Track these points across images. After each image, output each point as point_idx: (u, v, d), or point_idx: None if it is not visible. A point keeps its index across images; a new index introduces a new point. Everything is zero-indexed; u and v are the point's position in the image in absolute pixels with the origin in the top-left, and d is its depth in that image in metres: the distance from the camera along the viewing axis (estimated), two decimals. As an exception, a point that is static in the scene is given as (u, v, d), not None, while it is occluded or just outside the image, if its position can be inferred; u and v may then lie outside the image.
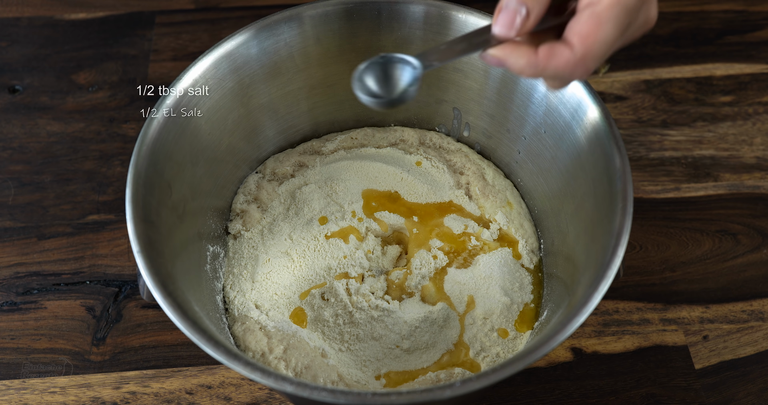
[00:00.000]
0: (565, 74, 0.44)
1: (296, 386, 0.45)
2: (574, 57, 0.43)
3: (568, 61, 0.43)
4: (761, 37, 0.91)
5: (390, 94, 0.47)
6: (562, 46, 0.43)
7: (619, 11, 0.43)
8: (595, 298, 0.49)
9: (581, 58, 0.43)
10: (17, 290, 0.72)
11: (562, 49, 0.43)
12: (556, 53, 0.43)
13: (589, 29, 0.43)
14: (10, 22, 0.91)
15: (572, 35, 0.43)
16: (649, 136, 0.83)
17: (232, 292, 0.64)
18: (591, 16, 0.43)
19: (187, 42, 0.89)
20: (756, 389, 0.67)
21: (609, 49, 0.44)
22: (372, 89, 0.47)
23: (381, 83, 0.47)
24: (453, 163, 0.72)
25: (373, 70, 0.48)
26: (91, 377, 0.67)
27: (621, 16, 0.43)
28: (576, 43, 0.43)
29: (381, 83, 0.47)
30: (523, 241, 0.67)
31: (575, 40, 0.43)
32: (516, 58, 0.44)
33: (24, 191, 0.78)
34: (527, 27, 0.44)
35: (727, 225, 0.77)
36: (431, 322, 0.62)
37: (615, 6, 0.42)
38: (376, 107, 0.47)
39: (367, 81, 0.47)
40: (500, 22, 0.44)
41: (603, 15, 0.43)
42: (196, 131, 0.60)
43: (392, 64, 0.48)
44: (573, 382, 0.67)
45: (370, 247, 0.66)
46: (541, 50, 0.44)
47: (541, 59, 0.44)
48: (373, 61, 0.47)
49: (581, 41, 0.43)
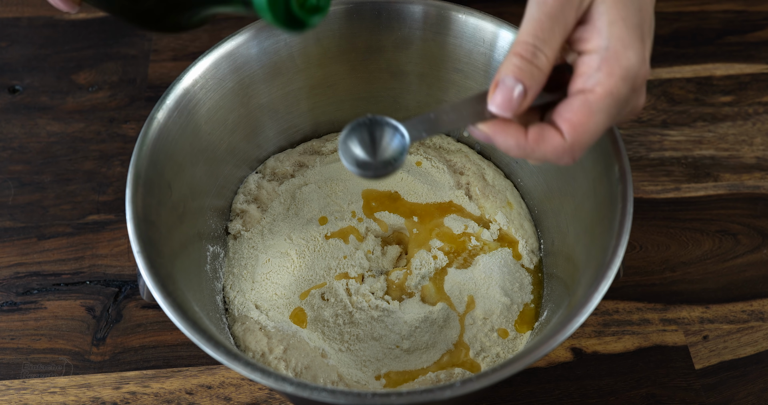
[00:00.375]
0: (551, 159, 0.44)
1: (296, 386, 0.45)
2: (563, 145, 0.43)
3: (556, 148, 0.43)
4: (761, 37, 0.91)
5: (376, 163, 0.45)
6: (552, 132, 0.43)
7: (611, 102, 0.42)
8: (595, 299, 0.49)
9: (570, 147, 0.43)
10: (17, 290, 0.72)
11: (552, 135, 0.43)
12: (546, 139, 0.43)
13: (580, 119, 0.42)
14: (10, 22, 0.91)
15: (562, 121, 0.43)
16: (649, 136, 0.83)
17: (232, 292, 0.64)
18: (583, 104, 0.42)
19: (187, 42, 0.89)
20: (756, 389, 0.67)
21: (597, 138, 0.43)
22: (358, 155, 0.45)
23: (367, 148, 0.45)
24: (453, 163, 0.72)
25: (360, 133, 0.45)
26: (91, 377, 0.67)
27: (612, 107, 0.42)
28: (566, 130, 0.42)
29: (367, 148, 0.45)
30: (523, 242, 0.67)
31: (565, 127, 0.42)
32: (505, 138, 0.44)
33: (24, 191, 0.78)
34: (523, 106, 0.43)
35: (727, 225, 0.77)
36: (431, 322, 0.62)
37: (607, 97, 0.42)
38: (362, 176, 0.45)
39: (352, 144, 0.45)
40: (497, 100, 0.43)
41: (595, 105, 0.42)
42: (196, 131, 0.60)
43: (380, 128, 0.45)
44: (573, 382, 0.67)
45: (370, 248, 0.66)
46: (531, 133, 0.43)
47: (530, 143, 0.43)
48: (359, 122, 0.45)
49: (572, 130, 0.42)
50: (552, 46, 0.42)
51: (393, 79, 0.69)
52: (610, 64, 0.42)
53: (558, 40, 0.43)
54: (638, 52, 0.42)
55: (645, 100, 0.46)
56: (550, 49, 0.42)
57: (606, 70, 0.42)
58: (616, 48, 0.42)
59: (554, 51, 0.43)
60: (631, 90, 0.43)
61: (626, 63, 0.42)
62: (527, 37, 0.42)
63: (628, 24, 0.42)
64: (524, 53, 0.42)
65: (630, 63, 0.42)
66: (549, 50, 0.42)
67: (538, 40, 0.42)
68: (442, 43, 0.65)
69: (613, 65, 0.42)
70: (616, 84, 0.42)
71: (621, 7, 0.42)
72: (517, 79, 0.42)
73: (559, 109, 0.43)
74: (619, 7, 0.42)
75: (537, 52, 0.42)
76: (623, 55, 0.42)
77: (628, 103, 0.44)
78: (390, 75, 0.69)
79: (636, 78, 0.43)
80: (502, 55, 0.62)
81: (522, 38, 0.42)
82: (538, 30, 0.42)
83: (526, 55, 0.42)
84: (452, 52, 0.65)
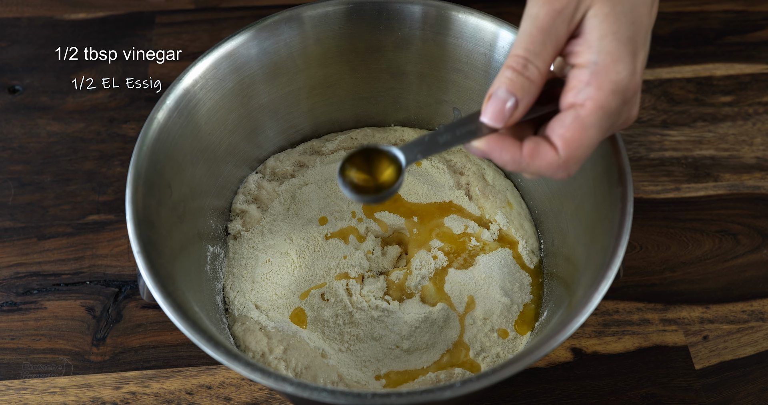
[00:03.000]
0: (546, 174, 0.45)
1: (296, 387, 0.45)
2: (557, 160, 0.43)
3: (550, 163, 0.44)
4: (761, 37, 0.91)
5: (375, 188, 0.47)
6: (546, 147, 0.44)
7: (602, 115, 0.43)
8: (595, 299, 0.49)
9: (564, 162, 0.44)
10: (17, 290, 0.72)
11: (546, 150, 0.44)
12: (541, 153, 0.44)
13: (573, 134, 0.43)
14: (10, 22, 0.91)
15: (556, 137, 0.43)
16: (649, 136, 0.83)
17: (232, 293, 0.64)
18: (575, 120, 0.43)
19: (187, 42, 0.89)
20: (756, 389, 0.67)
21: (590, 151, 0.44)
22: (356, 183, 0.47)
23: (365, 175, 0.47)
24: (453, 163, 0.72)
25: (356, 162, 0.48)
26: (91, 377, 0.67)
27: (603, 120, 0.43)
28: (560, 146, 0.43)
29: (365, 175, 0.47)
30: (523, 242, 0.67)
31: (559, 143, 0.43)
32: (500, 153, 0.44)
33: (24, 191, 0.78)
34: (515, 117, 0.44)
35: (727, 225, 0.77)
36: (431, 322, 0.62)
37: (598, 111, 0.43)
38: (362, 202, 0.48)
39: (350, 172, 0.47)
40: (489, 111, 0.44)
41: (587, 120, 0.43)
42: (196, 131, 0.60)
43: (375, 154, 0.48)
44: (573, 382, 0.67)
45: (370, 248, 0.66)
46: (526, 148, 0.44)
47: (525, 157, 0.44)
48: (355, 152, 0.47)
49: (565, 145, 0.43)
50: (543, 58, 0.43)
51: (393, 79, 0.69)
52: (600, 78, 0.43)
53: (549, 53, 0.43)
54: (628, 65, 0.43)
55: (638, 110, 0.46)
56: (541, 62, 0.43)
57: (596, 84, 0.43)
58: (605, 62, 0.43)
59: (546, 64, 0.43)
60: (622, 103, 0.43)
61: (615, 77, 0.42)
62: (519, 51, 0.43)
63: (619, 37, 0.43)
64: (516, 66, 0.43)
65: (619, 77, 0.43)
66: (540, 63, 0.43)
67: (530, 54, 0.43)
68: (442, 43, 0.65)
69: (603, 79, 0.42)
70: (606, 98, 0.42)
71: (613, 21, 0.43)
72: (509, 91, 0.43)
73: (552, 125, 0.44)
74: (611, 21, 0.43)
75: (528, 65, 0.43)
76: (612, 69, 0.42)
77: (619, 115, 0.44)
78: (390, 75, 0.69)
79: (626, 91, 0.43)
80: (502, 55, 0.62)
81: (514, 52, 0.43)
82: (529, 43, 0.43)
83: (518, 68, 0.43)
84: (452, 52, 0.65)
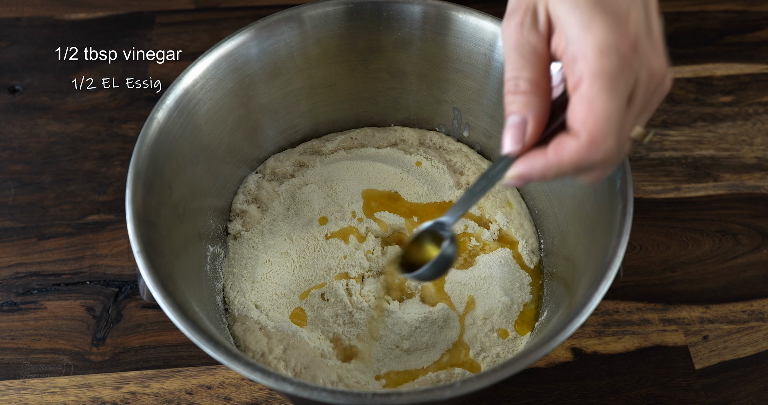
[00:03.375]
0: (584, 165, 0.42)
1: (296, 387, 0.45)
2: (580, 144, 0.41)
3: (577, 150, 0.41)
4: (761, 37, 0.91)
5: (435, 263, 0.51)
6: (566, 137, 0.42)
7: (604, 81, 0.40)
8: (595, 299, 0.49)
9: (589, 143, 0.41)
10: (17, 290, 0.72)
11: (566, 140, 0.42)
12: (563, 145, 0.42)
13: (583, 112, 0.41)
14: (10, 22, 0.91)
15: (572, 123, 0.41)
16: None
17: (232, 292, 0.64)
18: (580, 98, 0.41)
19: (187, 42, 0.89)
20: (756, 389, 0.67)
21: (618, 122, 0.41)
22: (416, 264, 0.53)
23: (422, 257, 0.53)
24: (453, 163, 0.72)
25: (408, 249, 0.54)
26: (91, 377, 0.67)
27: (610, 85, 0.40)
28: (578, 129, 0.41)
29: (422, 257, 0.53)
30: (523, 242, 0.67)
31: (576, 126, 0.41)
32: (531, 166, 0.43)
33: (24, 191, 0.78)
34: (531, 133, 0.43)
35: (727, 225, 0.77)
36: (431, 322, 0.62)
37: (596, 79, 0.40)
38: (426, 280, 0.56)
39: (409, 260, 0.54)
40: (506, 140, 0.44)
41: (590, 93, 0.40)
42: (196, 131, 0.60)
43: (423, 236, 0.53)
44: (573, 382, 0.67)
45: (370, 248, 0.66)
46: (550, 148, 0.42)
47: (551, 156, 0.42)
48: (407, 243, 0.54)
49: (582, 126, 0.41)
50: (529, 69, 0.43)
51: (393, 79, 0.69)
52: (579, 49, 0.41)
53: (532, 61, 0.43)
54: (602, 23, 0.40)
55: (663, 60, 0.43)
56: (528, 73, 0.43)
57: (580, 56, 0.40)
58: (578, 32, 0.40)
59: (534, 72, 0.43)
60: (621, 58, 0.40)
61: (593, 40, 0.40)
62: (507, 75, 0.44)
63: (580, 7, 0.41)
64: (509, 89, 0.43)
65: (598, 38, 0.40)
66: (527, 73, 0.43)
67: (515, 72, 0.43)
68: (442, 43, 0.65)
69: (583, 49, 0.40)
70: (595, 63, 0.40)
71: None
72: (512, 112, 0.43)
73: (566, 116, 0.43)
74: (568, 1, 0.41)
75: (518, 82, 0.43)
76: (587, 34, 0.40)
77: (632, 72, 0.41)
78: (390, 75, 0.69)
79: (618, 47, 0.40)
80: (502, 55, 0.62)
81: (505, 78, 0.44)
82: (510, 64, 0.43)
83: (511, 89, 0.43)
84: (452, 52, 0.65)
